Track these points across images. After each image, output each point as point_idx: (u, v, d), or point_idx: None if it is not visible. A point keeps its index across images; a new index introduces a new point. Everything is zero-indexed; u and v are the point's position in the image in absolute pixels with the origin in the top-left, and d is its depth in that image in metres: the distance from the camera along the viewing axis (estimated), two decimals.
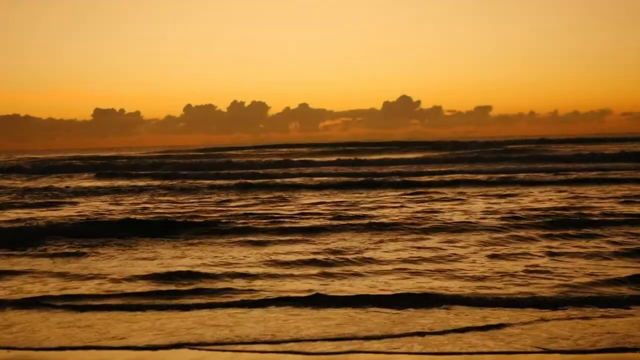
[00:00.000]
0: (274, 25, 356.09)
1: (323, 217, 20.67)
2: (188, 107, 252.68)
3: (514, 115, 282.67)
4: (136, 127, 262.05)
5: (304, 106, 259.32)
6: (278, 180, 37.27)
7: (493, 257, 14.19)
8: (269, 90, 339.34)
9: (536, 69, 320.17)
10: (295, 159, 59.49)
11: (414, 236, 17.06)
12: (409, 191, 29.11)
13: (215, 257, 15.01)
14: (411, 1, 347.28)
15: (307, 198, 27.91)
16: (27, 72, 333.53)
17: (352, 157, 57.47)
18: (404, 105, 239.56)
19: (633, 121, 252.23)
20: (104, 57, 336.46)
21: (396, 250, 15.13)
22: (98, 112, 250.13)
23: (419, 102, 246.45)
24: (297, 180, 37.29)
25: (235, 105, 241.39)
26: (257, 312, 10.34)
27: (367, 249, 15.49)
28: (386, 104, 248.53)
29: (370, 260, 14.07)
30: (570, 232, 16.90)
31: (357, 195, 28.60)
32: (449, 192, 28.24)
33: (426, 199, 25.91)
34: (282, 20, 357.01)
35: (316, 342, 8.91)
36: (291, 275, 12.86)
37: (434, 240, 16.33)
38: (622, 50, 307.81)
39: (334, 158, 59.48)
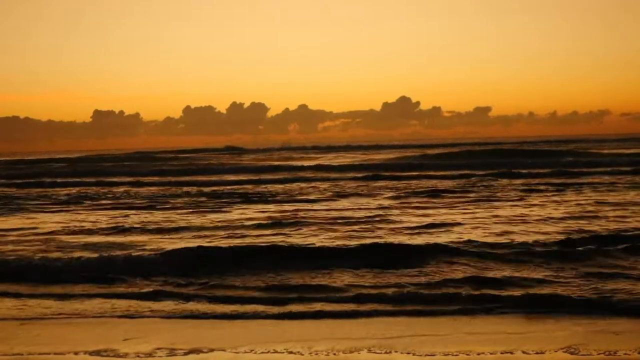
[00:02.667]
0: (273, 26, 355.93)
1: None
2: (187, 109, 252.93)
3: (513, 116, 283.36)
4: (136, 128, 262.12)
5: (303, 107, 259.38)
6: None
7: None
8: (268, 92, 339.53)
9: (535, 69, 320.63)
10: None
11: None
12: None
13: None
14: (410, 2, 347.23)
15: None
16: (27, 74, 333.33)
17: None
18: (403, 106, 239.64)
19: (632, 121, 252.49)
20: (103, 58, 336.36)
21: None
22: (97, 114, 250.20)
23: (418, 102, 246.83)
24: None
25: (235, 107, 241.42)
26: None
27: None
28: (385, 105, 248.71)
29: None
30: None
31: None
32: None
33: None
34: (282, 22, 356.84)
35: None
36: None
37: None
38: (621, 51, 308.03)
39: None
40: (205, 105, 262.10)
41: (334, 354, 8.50)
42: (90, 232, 19.67)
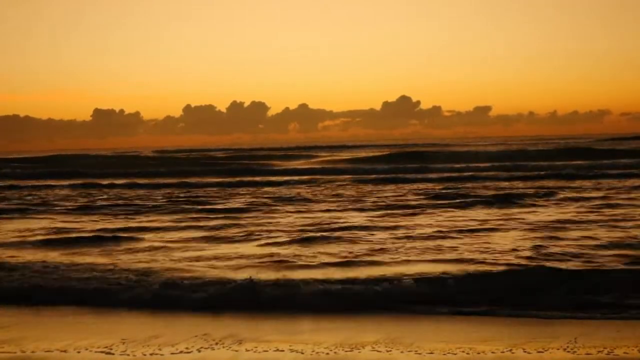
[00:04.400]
0: (273, 25, 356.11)
1: None
2: (187, 108, 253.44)
3: (514, 116, 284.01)
4: (136, 127, 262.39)
5: (303, 106, 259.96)
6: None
7: None
8: (269, 91, 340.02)
9: (536, 69, 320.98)
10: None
11: None
12: None
13: None
14: (410, 2, 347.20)
15: None
16: (27, 73, 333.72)
17: None
18: (404, 106, 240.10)
19: (632, 121, 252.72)
20: (103, 57, 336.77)
21: None
22: (98, 113, 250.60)
23: (418, 102, 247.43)
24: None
25: (235, 106, 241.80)
26: None
27: None
28: (385, 104, 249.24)
29: None
30: None
31: None
32: None
33: None
34: (282, 21, 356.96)
35: None
36: None
37: None
38: (621, 50, 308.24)
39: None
40: (205, 104, 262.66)
41: (335, 352, 8.51)
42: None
